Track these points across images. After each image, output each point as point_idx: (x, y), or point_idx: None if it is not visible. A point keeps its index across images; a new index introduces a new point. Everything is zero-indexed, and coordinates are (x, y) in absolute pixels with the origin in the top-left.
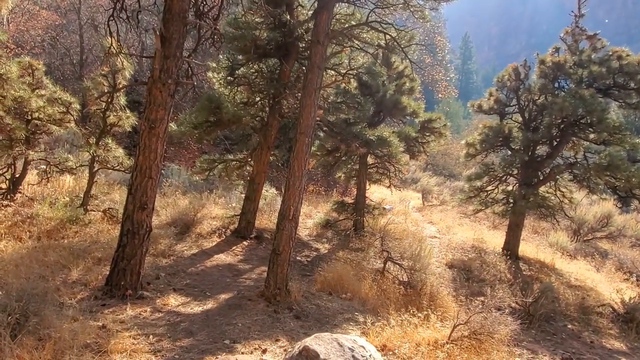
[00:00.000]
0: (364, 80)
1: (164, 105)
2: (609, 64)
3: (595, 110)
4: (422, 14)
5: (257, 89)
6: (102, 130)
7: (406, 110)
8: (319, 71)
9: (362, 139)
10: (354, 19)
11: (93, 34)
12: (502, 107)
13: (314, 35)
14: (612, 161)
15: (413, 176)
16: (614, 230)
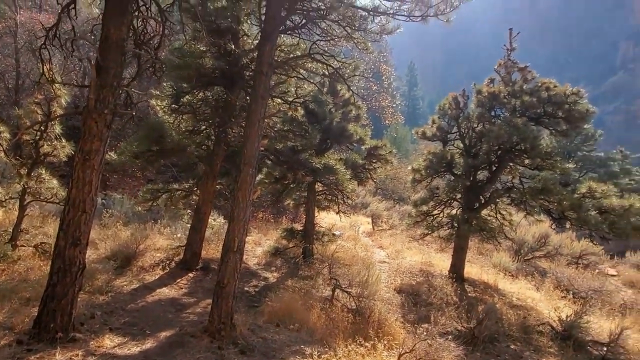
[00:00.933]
0: (311, 108)
1: (100, 136)
2: (539, 95)
3: (528, 138)
4: (365, 45)
5: (203, 118)
6: (35, 161)
7: (353, 137)
8: (263, 101)
9: (309, 167)
10: (298, 49)
11: (31, 58)
12: (444, 134)
13: (257, 65)
14: (545, 185)
15: (363, 201)
16: (551, 250)
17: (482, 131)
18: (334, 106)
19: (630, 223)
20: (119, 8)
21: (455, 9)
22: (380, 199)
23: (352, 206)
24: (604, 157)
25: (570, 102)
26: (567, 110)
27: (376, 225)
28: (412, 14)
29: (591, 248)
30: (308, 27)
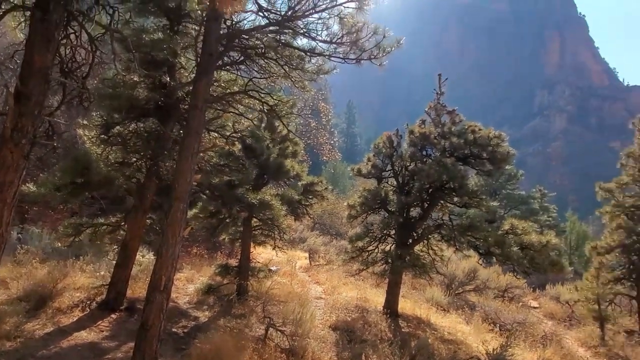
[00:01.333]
0: (248, 143)
1: (15, 167)
2: (466, 137)
3: (456, 177)
4: (303, 84)
5: (134, 150)
6: None
7: (290, 173)
8: (197, 136)
9: (245, 203)
10: (236, 85)
11: None
12: (379, 172)
13: (192, 100)
14: (472, 222)
15: (301, 235)
16: (480, 284)
17: (414, 170)
18: (272, 142)
19: (547, 258)
20: (44, 35)
21: (387, 54)
22: (318, 233)
23: (289, 241)
24: (525, 196)
25: (494, 144)
26: (490, 152)
27: (313, 261)
28: (347, 56)
29: (515, 282)
30: (246, 63)
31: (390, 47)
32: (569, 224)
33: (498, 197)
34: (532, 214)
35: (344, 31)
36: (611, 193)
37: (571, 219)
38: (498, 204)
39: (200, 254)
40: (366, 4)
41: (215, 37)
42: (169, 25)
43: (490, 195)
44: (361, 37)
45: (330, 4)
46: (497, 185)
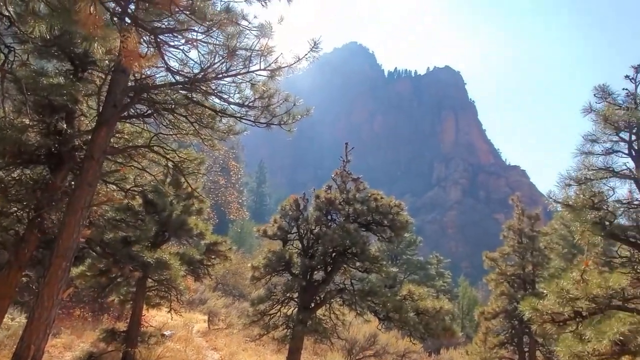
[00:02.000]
0: (150, 198)
1: None
2: (369, 204)
3: (358, 242)
4: (212, 142)
5: (15, 198)
6: None
7: (193, 231)
8: (90, 189)
9: (139, 261)
10: (141, 138)
11: None
12: (284, 234)
13: (89, 150)
14: (372, 288)
15: (201, 297)
16: (380, 348)
17: (319, 234)
18: (176, 198)
19: (441, 323)
20: None
21: (297, 122)
22: (220, 295)
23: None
24: (423, 261)
25: (394, 212)
26: (391, 219)
27: (212, 324)
28: (258, 120)
29: (412, 346)
30: (154, 117)
31: (300, 115)
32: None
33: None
34: (429, 279)
35: (256, 96)
36: (495, 262)
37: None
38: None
39: (83, 316)
40: (278, 73)
41: (122, 88)
42: (73, 70)
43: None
44: (273, 103)
45: (243, 70)
46: (397, 251)
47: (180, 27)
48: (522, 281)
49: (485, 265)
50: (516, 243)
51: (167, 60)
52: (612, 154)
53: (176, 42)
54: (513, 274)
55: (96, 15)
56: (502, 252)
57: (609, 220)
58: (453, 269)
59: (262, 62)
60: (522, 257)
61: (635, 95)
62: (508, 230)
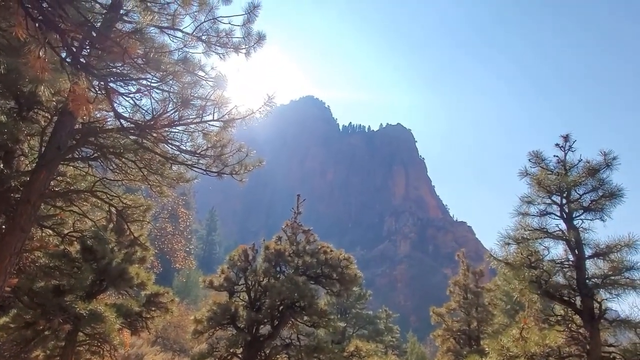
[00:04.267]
0: (89, 245)
1: None
2: (318, 256)
3: (306, 296)
4: (161, 189)
5: None
6: None
7: (133, 280)
8: (22, 234)
9: (70, 313)
10: (84, 181)
11: None
12: (231, 285)
13: (25, 192)
14: (319, 344)
15: (138, 352)
16: None
17: (267, 285)
18: (118, 245)
19: None
20: None
21: (249, 172)
22: (159, 349)
23: (124, 358)
24: (372, 315)
25: (343, 266)
26: (340, 273)
27: None
28: (210, 169)
29: None
30: (100, 161)
31: (252, 166)
32: (409, 344)
33: (348, 317)
34: (378, 334)
35: (209, 145)
36: (442, 317)
37: (412, 340)
38: (346, 324)
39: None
40: (231, 124)
41: (67, 131)
42: (17, 109)
43: (340, 314)
44: (225, 152)
45: (197, 119)
46: (347, 305)
47: (133, 75)
48: (467, 337)
49: (433, 321)
50: (462, 299)
51: (117, 107)
52: (546, 215)
53: (128, 88)
54: (459, 329)
55: (45, 59)
56: (448, 308)
57: (544, 279)
58: (401, 323)
59: (215, 113)
60: (468, 313)
61: (564, 162)
62: (454, 285)
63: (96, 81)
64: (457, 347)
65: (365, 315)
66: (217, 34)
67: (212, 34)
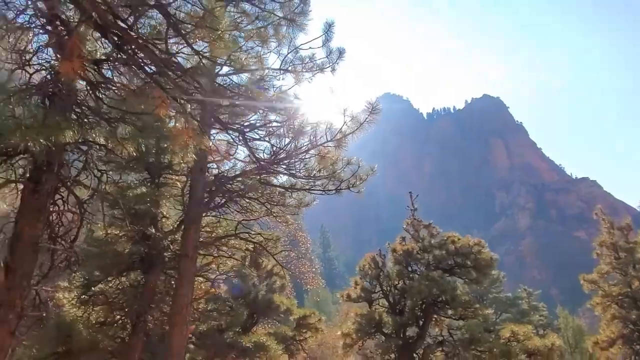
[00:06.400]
0: (235, 283)
1: (2, 347)
2: (447, 247)
3: (447, 289)
4: (285, 218)
5: (118, 307)
6: None
7: (280, 308)
8: (190, 285)
9: (238, 348)
10: (220, 227)
11: None
12: (368, 295)
13: (182, 249)
14: (473, 335)
15: None
16: None
17: (404, 287)
18: (258, 279)
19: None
20: (35, 206)
21: (364, 181)
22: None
23: None
24: (512, 297)
25: (475, 251)
26: (474, 259)
27: None
28: (327, 188)
29: None
30: (228, 205)
31: (366, 175)
32: (561, 320)
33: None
34: (524, 316)
35: (321, 166)
36: (596, 284)
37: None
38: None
39: None
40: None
41: (203, 186)
42: (150, 178)
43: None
44: (337, 169)
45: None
46: (482, 291)
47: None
48: (632, 300)
49: (585, 289)
50: (613, 259)
51: (254, 153)
52: None
53: (258, 134)
54: (620, 293)
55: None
56: (600, 272)
57: None
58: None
59: (327, 134)
60: (625, 273)
61: None
62: (600, 246)
63: (235, 134)
64: (622, 313)
65: (505, 298)
66: (301, 61)
67: (297, 62)
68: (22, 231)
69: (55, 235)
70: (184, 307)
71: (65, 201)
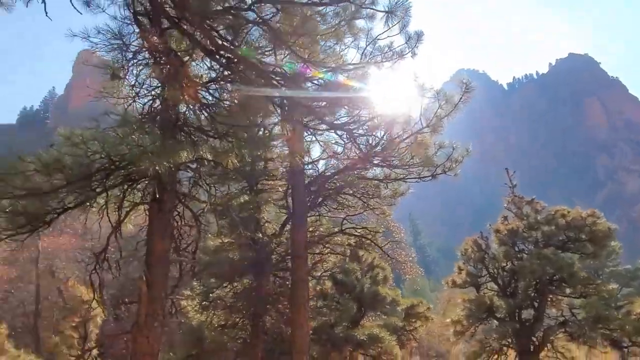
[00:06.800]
0: (340, 279)
1: (151, 352)
2: (557, 222)
3: (563, 267)
4: (382, 210)
5: (236, 310)
6: None
7: (386, 299)
8: (304, 284)
9: (352, 341)
10: (322, 226)
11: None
12: (475, 279)
13: (293, 249)
14: (599, 312)
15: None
16: None
17: (513, 269)
18: (360, 272)
19: None
20: (162, 223)
21: (460, 164)
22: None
23: None
24: (632, 269)
25: (590, 223)
26: (589, 231)
27: None
28: (421, 175)
29: None
30: (325, 203)
31: (461, 157)
32: None
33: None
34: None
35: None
36: None
37: None
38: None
39: None
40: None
41: (305, 188)
42: (247, 186)
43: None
44: (430, 154)
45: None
46: (596, 265)
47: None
48: None
49: None
50: None
51: (361, 148)
52: None
53: (361, 130)
54: None
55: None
56: None
57: None
58: None
59: (422, 120)
60: None
61: None
62: None
63: (340, 132)
64: None
65: (624, 271)
66: (380, 51)
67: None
68: (154, 247)
69: (179, 248)
70: (302, 306)
71: (182, 216)
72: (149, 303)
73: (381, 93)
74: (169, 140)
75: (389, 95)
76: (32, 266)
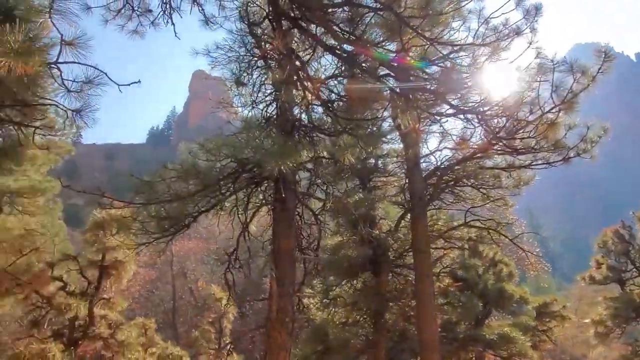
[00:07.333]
0: (459, 276)
1: (284, 346)
2: None
3: None
4: (505, 201)
5: (356, 307)
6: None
7: (513, 297)
8: (428, 279)
9: (481, 340)
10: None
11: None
12: (617, 274)
13: (414, 244)
14: None
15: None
16: None
17: None
18: (481, 268)
19: None
20: (286, 222)
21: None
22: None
23: None
24: None
25: None
26: None
27: None
28: (550, 160)
29: None
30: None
31: (598, 136)
32: None
33: None
34: None
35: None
36: None
37: None
38: None
39: None
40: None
41: (421, 180)
42: (359, 184)
43: None
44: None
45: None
46: None
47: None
48: None
49: None
50: None
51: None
52: None
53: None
54: None
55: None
56: None
57: None
58: None
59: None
60: None
61: None
62: None
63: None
64: None
65: None
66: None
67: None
68: (281, 246)
69: (303, 247)
70: (428, 301)
71: (301, 215)
72: (279, 299)
73: (502, 73)
74: (288, 141)
75: (511, 75)
76: (168, 268)
